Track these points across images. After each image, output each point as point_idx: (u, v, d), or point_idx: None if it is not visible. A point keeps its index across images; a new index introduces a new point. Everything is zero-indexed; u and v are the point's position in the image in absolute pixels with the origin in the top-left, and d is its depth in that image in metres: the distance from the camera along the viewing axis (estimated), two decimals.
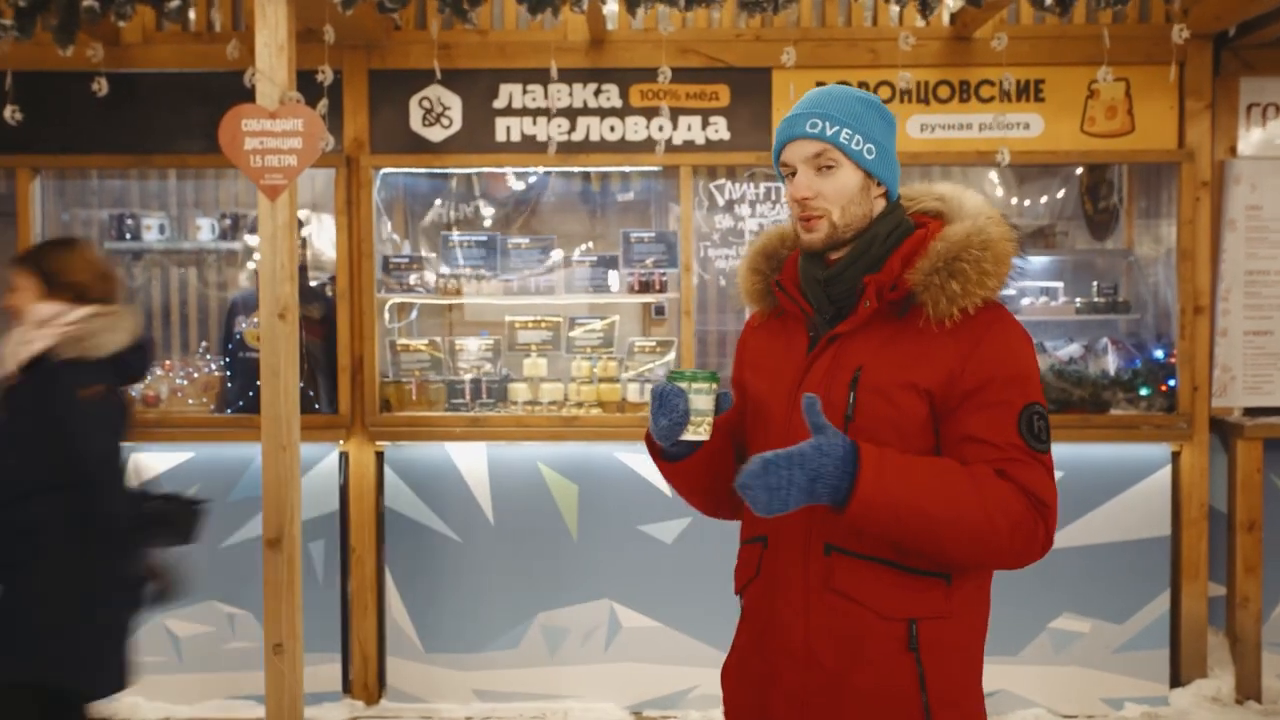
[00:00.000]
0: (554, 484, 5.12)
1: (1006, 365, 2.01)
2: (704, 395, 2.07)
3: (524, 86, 5.14)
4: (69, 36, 4.00)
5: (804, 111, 2.11)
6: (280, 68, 3.99)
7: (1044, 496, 1.98)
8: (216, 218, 6.74)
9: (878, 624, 2.03)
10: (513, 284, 5.28)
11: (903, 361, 2.04)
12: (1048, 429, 2.03)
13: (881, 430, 2.02)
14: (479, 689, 5.13)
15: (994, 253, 2.05)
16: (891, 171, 2.14)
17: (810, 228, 2.11)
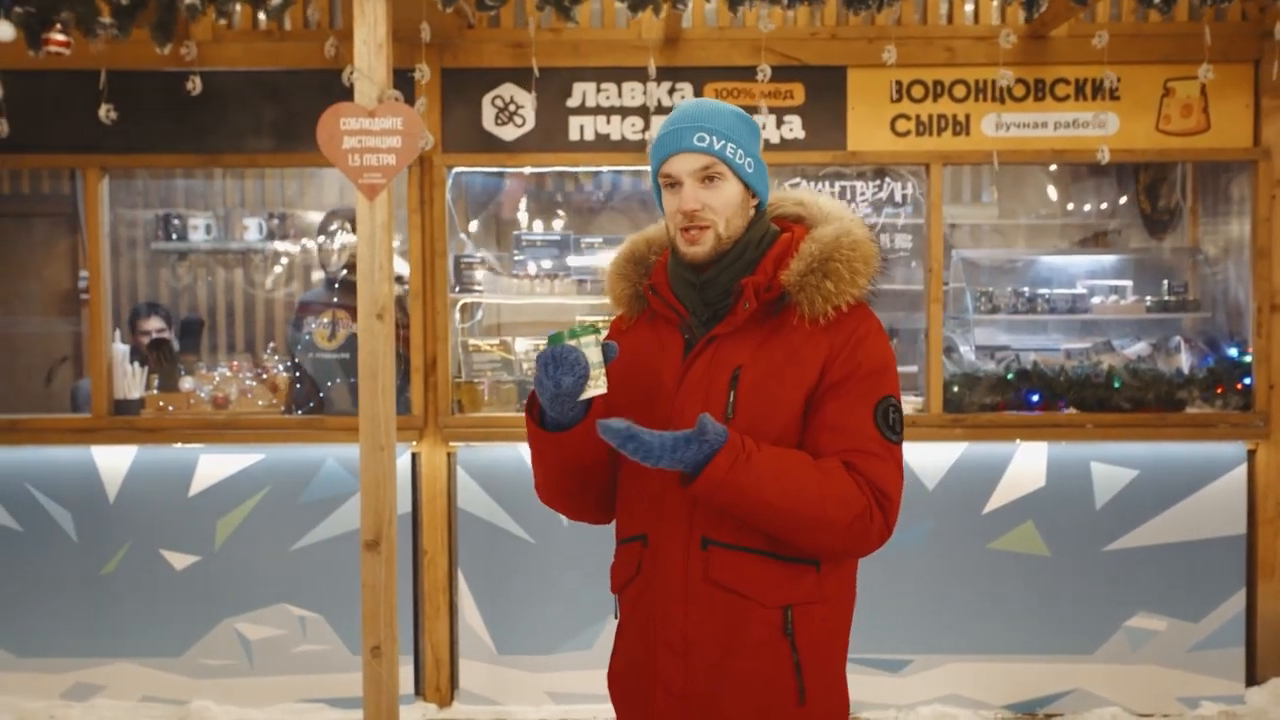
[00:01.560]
0: None
1: (871, 359, 2.12)
2: (593, 348, 2.06)
3: (598, 85, 5.12)
4: (167, 35, 3.96)
5: (688, 125, 2.17)
6: (379, 66, 3.95)
7: (887, 489, 2.08)
8: (264, 218, 6.71)
9: (756, 611, 2.11)
10: (586, 284, 5.25)
11: (780, 360, 2.13)
12: (901, 421, 2.15)
13: (761, 426, 2.10)
14: (552, 691, 5.10)
15: (862, 253, 2.15)
16: (764, 182, 2.23)
17: (695, 239, 2.16)
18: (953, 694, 5.06)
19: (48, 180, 7.12)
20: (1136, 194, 6.25)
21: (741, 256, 2.18)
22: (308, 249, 6.74)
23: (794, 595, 2.12)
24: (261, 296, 7.17)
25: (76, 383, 6.11)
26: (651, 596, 2.19)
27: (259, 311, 7.21)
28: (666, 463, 2.00)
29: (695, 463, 2.00)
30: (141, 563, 5.09)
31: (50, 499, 5.08)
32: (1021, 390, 5.14)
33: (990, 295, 5.64)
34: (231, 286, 7.22)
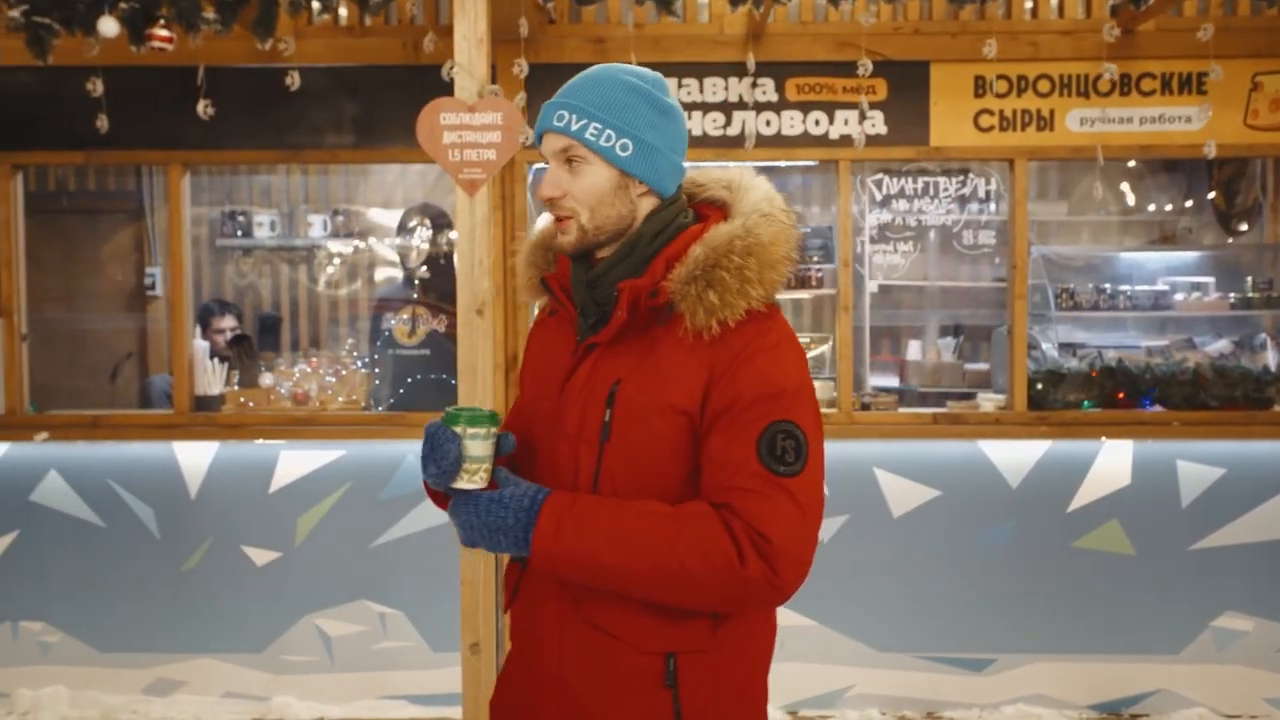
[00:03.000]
0: None
1: (758, 383, 1.83)
2: (480, 440, 1.87)
3: (679, 80, 5.10)
4: (268, 30, 3.96)
5: (555, 100, 1.96)
6: (479, 61, 3.94)
7: (767, 531, 1.77)
8: (329, 214, 6.72)
9: (632, 658, 1.88)
10: None
11: (660, 377, 1.88)
12: (799, 449, 1.82)
13: (636, 453, 1.88)
14: None
15: (760, 259, 1.87)
16: (655, 168, 1.94)
17: (561, 229, 1.96)
18: (1037, 694, 5.03)
19: (113, 177, 7.14)
20: (1210, 190, 6.20)
21: (631, 254, 1.94)
22: (373, 246, 6.74)
23: (678, 642, 1.88)
24: (325, 293, 7.18)
25: (149, 378, 6.13)
26: (529, 625, 2.01)
27: (323, 308, 7.21)
28: (492, 545, 1.84)
29: (519, 536, 1.82)
30: (223, 559, 5.10)
31: (133, 495, 5.09)
32: (1106, 387, 5.10)
33: (1072, 292, 5.60)
34: (295, 283, 7.23)
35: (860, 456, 5.04)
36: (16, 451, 5.10)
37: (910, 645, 5.05)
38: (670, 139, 1.96)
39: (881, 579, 5.05)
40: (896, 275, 5.14)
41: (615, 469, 1.89)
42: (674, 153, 1.97)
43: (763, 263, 1.87)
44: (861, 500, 5.03)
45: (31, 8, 3.69)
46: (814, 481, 1.85)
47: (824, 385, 5.14)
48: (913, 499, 5.03)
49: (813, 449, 1.85)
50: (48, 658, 5.10)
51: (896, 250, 5.16)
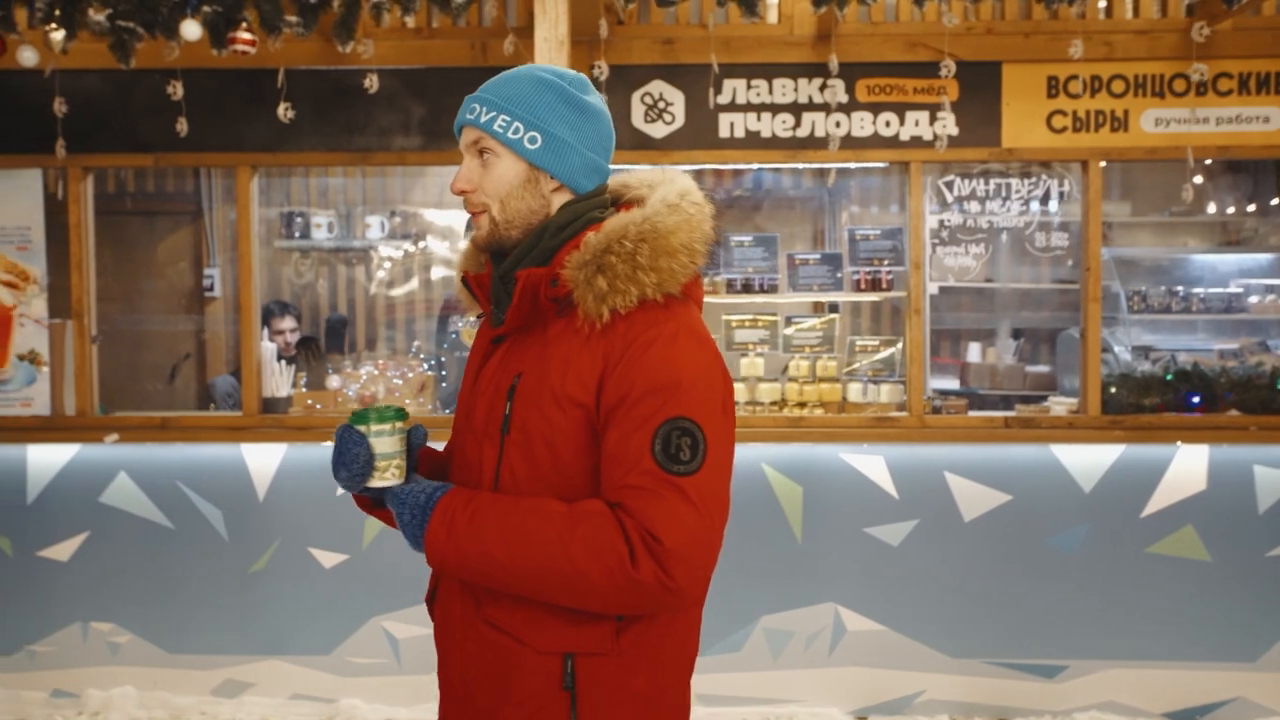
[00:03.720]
0: (778, 485, 5.04)
1: (652, 375, 1.78)
2: (386, 437, 1.88)
3: (748, 82, 5.06)
4: (349, 33, 3.96)
5: (473, 95, 1.98)
6: (560, 63, 3.92)
7: (659, 532, 1.72)
8: (386, 216, 6.72)
9: (529, 658, 1.86)
10: (735, 283, 5.20)
11: (558, 368, 1.85)
12: (696, 446, 1.76)
13: (535, 446, 1.85)
14: (701, 693, 5.06)
15: (654, 245, 1.83)
16: (566, 162, 1.93)
17: (474, 224, 1.97)
18: (1110, 701, 4.97)
19: (172, 179, 7.16)
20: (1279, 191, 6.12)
21: (537, 245, 1.92)
22: (431, 247, 6.74)
23: (578, 643, 1.84)
24: (382, 294, 7.18)
25: (212, 380, 6.15)
26: (441, 625, 2.01)
27: (379, 309, 7.22)
28: (406, 534, 1.85)
29: (416, 533, 1.83)
30: (290, 561, 5.10)
31: (201, 497, 5.10)
32: (1181, 391, 5.04)
33: (1144, 295, 5.54)
34: (353, 284, 7.24)
35: (930, 460, 5.00)
36: (86, 453, 5.12)
37: (981, 651, 5.00)
38: (585, 136, 1.95)
39: (952, 584, 5.01)
40: (968, 278, 5.09)
41: (515, 463, 1.88)
42: (590, 150, 1.96)
43: (657, 250, 1.83)
44: (932, 504, 4.99)
45: (116, 12, 3.69)
46: (713, 481, 1.78)
47: (893, 388, 5.11)
48: (984, 503, 4.99)
49: (712, 447, 1.78)
50: (117, 658, 5.12)
51: (968, 252, 5.11)
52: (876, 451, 5.01)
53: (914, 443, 4.98)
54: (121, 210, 6.98)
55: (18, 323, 5.13)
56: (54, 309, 5.18)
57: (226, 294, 7.08)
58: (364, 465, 1.87)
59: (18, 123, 5.05)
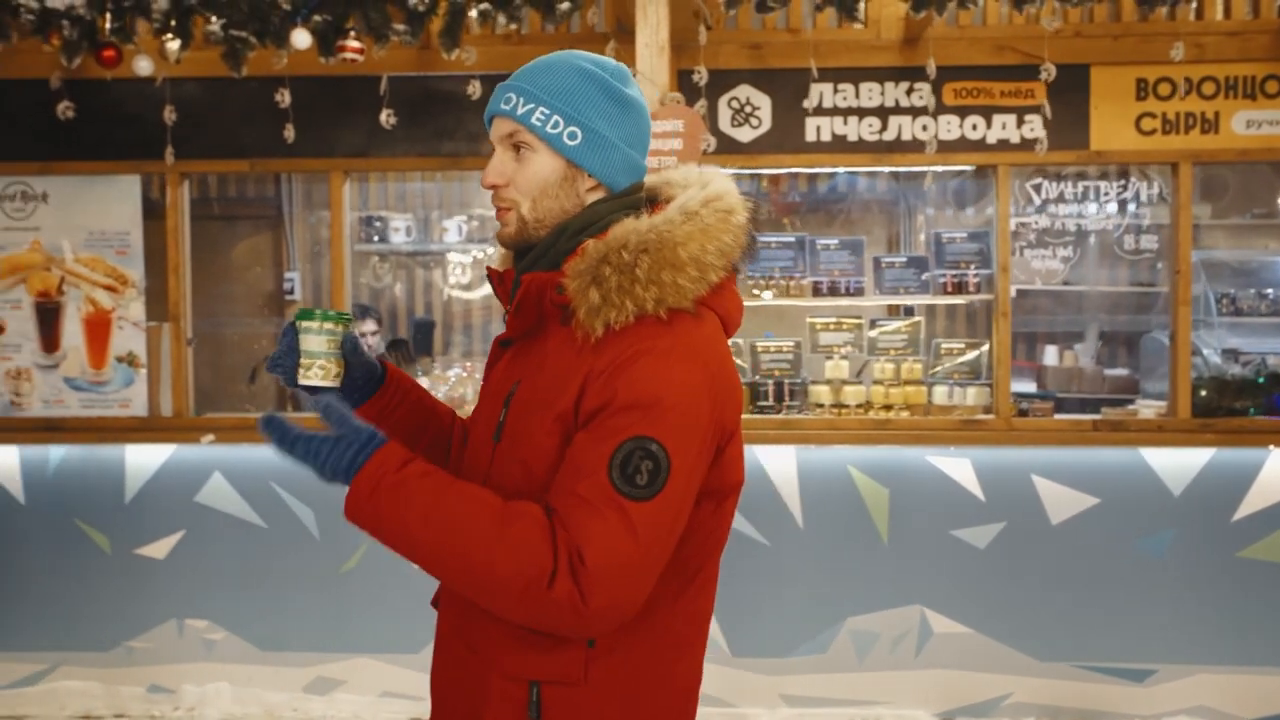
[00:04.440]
0: (864, 487, 5.06)
1: (632, 389, 1.64)
2: (313, 335, 1.85)
3: (835, 86, 5.09)
4: (454, 40, 4.03)
5: (507, 83, 1.83)
6: (661, 69, 3.97)
7: (586, 553, 1.58)
8: (464, 219, 6.80)
9: (496, 682, 1.74)
10: (822, 286, 5.23)
11: (550, 380, 1.74)
12: (657, 473, 1.62)
13: (519, 458, 1.74)
14: (786, 694, 5.09)
15: (658, 258, 1.69)
16: (606, 160, 1.80)
17: (501, 220, 1.84)
18: (1200, 705, 4.95)
19: (252, 183, 7.28)
20: None
21: (552, 247, 1.80)
22: None
23: (545, 671, 1.72)
24: (460, 296, 7.26)
25: None
26: (437, 634, 1.92)
27: (455, 312, 7.30)
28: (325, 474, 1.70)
29: (338, 480, 1.68)
30: (381, 560, 5.17)
31: (294, 497, 5.19)
32: (1272, 395, 5.02)
33: (1233, 297, 5.51)
34: (430, 287, 7.32)
35: (1018, 463, 5.00)
36: (182, 453, 5.22)
37: (1069, 654, 5.00)
38: (626, 132, 1.83)
39: (1039, 586, 5.01)
40: (1056, 280, 5.09)
41: (502, 472, 1.78)
42: (630, 147, 1.83)
43: (660, 262, 1.69)
44: (1019, 507, 4.99)
45: (229, 22, 3.78)
46: (664, 515, 1.64)
47: (979, 391, 5.11)
48: (1072, 506, 4.98)
49: (675, 477, 1.64)
50: (212, 655, 5.21)
51: (1055, 255, 5.11)
52: (963, 454, 5.02)
53: (1001, 445, 4.99)
54: (207, 215, 7.10)
55: (116, 325, 5.24)
56: (151, 312, 5.29)
57: (306, 297, 7.19)
58: (285, 355, 1.89)
59: (117, 130, 5.16)
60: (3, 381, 5.24)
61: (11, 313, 5.25)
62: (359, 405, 2.01)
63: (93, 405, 5.25)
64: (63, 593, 5.23)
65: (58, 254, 5.24)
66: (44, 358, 5.25)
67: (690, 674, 1.85)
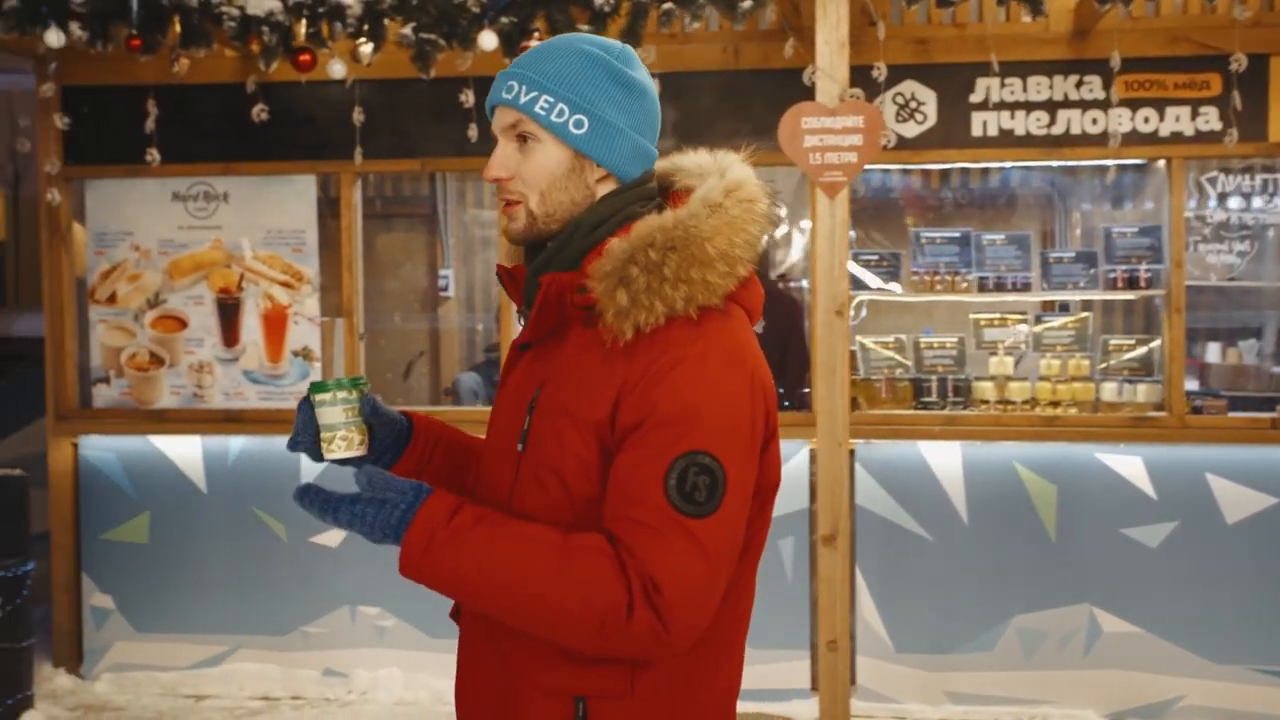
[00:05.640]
0: (1031, 484, 5.01)
1: (673, 400, 1.59)
2: (328, 408, 1.78)
3: (1002, 80, 5.05)
4: (636, 39, 4.11)
5: (508, 71, 1.75)
6: (841, 65, 3.99)
7: (661, 581, 1.54)
8: None
9: (537, 699, 1.68)
10: (988, 282, 5.19)
11: (576, 385, 1.67)
12: (715, 487, 1.57)
13: (546, 467, 1.68)
14: (951, 691, 5.06)
15: (686, 255, 1.63)
16: (614, 149, 1.72)
17: (508, 214, 1.75)
18: None
19: (408, 182, 7.46)
20: None
21: (568, 245, 1.72)
22: None
23: (590, 685, 1.66)
24: None
25: (458, 376, 6.39)
26: (461, 650, 1.85)
27: None
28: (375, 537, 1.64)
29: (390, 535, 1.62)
30: None
31: None
32: None
33: None
34: None
35: (1191, 461, 4.91)
36: None
37: (1245, 657, 4.89)
38: (635, 118, 1.74)
39: (1214, 587, 4.91)
40: (1232, 275, 4.99)
41: (528, 486, 1.71)
42: (639, 134, 1.75)
43: (688, 259, 1.63)
44: (1192, 506, 4.91)
45: (419, 25, 3.90)
46: (727, 527, 1.60)
47: (1150, 388, 5.03)
48: (1248, 506, 4.88)
49: (731, 488, 1.60)
50: (383, 641, 5.37)
51: (1231, 250, 5.00)
52: (1133, 451, 4.94)
53: (1173, 443, 4.90)
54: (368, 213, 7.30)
55: (292, 321, 5.43)
56: (324, 308, 5.46)
57: (460, 294, 7.35)
58: (301, 430, 1.81)
59: (295, 132, 5.34)
60: (186, 374, 5.46)
61: (194, 308, 5.47)
62: (392, 464, 1.91)
63: (270, 398, 5.45)
64: (242, 578, 5.43)
65: (237, 252, 5.44)
66: (224, 352, 5.46)
67: (731, 677, 1.80)
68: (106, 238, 5.50)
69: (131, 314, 5.48)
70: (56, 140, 5.36)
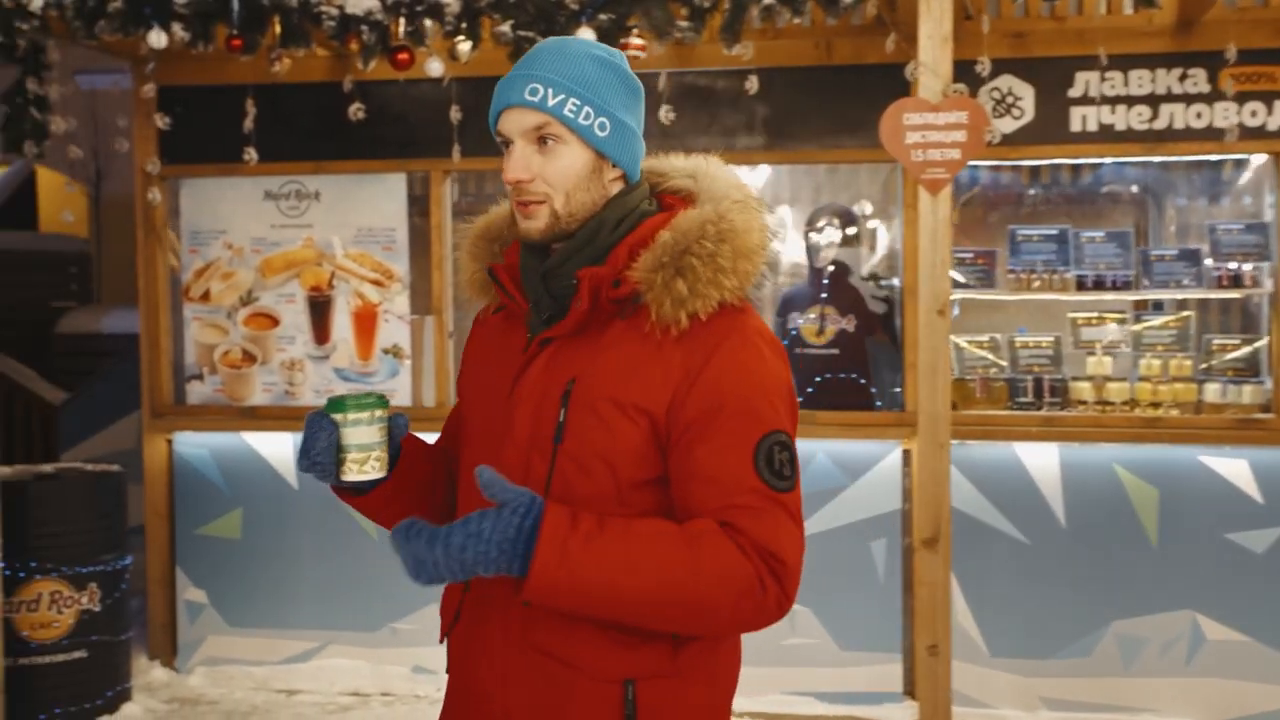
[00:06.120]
0: (1131, 487, 4.91)
1: (744, 387, 1.69)
2: (363, 427, 1.75)
3: (1102, 74, 4.94)
4: (734, 36, 4.07)
5: (524, 72, 1.77)
6: (944, 60, 3.94)
7: (780, 553, 1.66)
8: None
9: (586, 686, 1.72)
10: (1086, 280, 5.08)
11: (621, 374, 1.72)
12: (793, 462, 1.71)
13: (592, 457, 1.72)
14: (1046, 697, 4.97)
15: (734, 246, 1.72)
16: (630, 150, 1.80)
17: (528, 214, 1.77)
18: None
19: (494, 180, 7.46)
20: None
21: (592, 241, 1.78)
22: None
23: (638, 667, 1.73)
24: None
25: None
26: (470, 654, 1.84)
27: None
28: (470, 571, 1.60)
29: (516, 556, 1.59)
30: None
31: None
32: None
33: None
34: None
35: None
36: None
37: None
38: (639, 121, 1.84)
39: None
40: None
41: (569, 475, 1.75)
42: (642, 135, 1.86)
43: (737, 251, 1.73)
44: None
45: (517, 23, 3.90)
46: (799, 494, 1.75)
47: (1255, 389, 4.90)
48: None
49: (796, 458, 1.75)
50: None
51: None
52: (1239, 454, 4.82)
53: None
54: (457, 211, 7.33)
55: (382, 319, 5.45)
56: (414, 306, 5.48)
57: None
58: (322, 452, 1.77)
59: (385, 130, 5.36)
60: (278, 371, 5.51)
61: (286, 306, 5.51)
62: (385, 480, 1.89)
63: None
64: (332, 575, 5.47)
65: (329, 250, 5.48)
66: (316, 349, 5.50)
67: (740, 653, 1.93)
68: (200, 236, 5.56)
69: (225, 311, 5.54)
70: (154, 140, 5.42)
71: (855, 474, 5.04)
